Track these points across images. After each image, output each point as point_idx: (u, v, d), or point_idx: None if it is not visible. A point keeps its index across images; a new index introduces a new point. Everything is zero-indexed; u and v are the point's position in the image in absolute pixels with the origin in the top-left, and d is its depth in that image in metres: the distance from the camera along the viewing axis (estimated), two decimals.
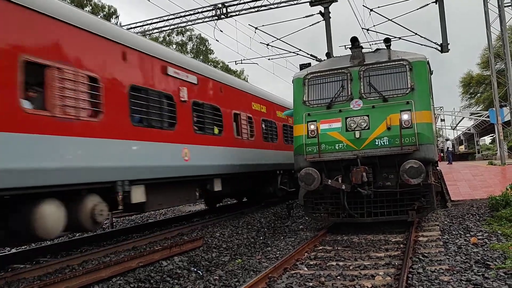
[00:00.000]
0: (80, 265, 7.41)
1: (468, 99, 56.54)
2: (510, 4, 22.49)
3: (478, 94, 54.14)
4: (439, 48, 17.48)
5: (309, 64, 11.58)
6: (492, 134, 55.25)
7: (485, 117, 40.97)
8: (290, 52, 18.93)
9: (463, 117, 54.24)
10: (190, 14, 23.85)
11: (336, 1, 19.55)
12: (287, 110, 15.92)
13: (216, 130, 11.73)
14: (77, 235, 11.94)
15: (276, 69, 70.89)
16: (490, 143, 69.13)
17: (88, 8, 34.99)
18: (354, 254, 7.55)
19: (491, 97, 28.54)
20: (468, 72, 54.58)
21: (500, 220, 9.41)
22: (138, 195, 8.57)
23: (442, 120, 54.19)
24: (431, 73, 11.11)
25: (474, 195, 13.34)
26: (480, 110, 49.69)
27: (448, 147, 33.79)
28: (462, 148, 63.91)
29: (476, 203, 12.12)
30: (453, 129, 59.44)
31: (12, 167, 6.06)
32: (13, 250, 9.94)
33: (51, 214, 6.65)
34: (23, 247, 10.51)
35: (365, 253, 7.54)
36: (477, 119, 47.80)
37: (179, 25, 25.49)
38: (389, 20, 17.04)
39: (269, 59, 23.22)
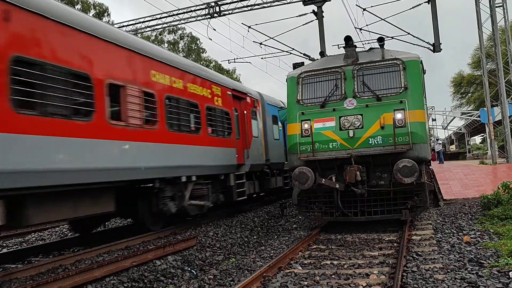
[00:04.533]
0: (73, 264, 7.33)
1: (459, 99, 56.99)
2: (501, 4, 22.65)
3: (469, 94, 54.57)
4: (431, 48, 17.54)
5: (303, 63, 11.58)
6: (483, 134, 55.80)
7: (476, 117, 41.29)
8: (283, 51, 18.86)
9: (454, 117, 54.65)
10: (183, 13, 23.78)
11: (329, 0, 19.54)
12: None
13: None
14: (69, 234, 11.85)
15: (269, 68, 70.83)
16: (480, 143, 69.75)
17: (78, 6, 34.74)
18: (348, 253, 7.56)
19: (482, 97, 28.77)
20: (459, 72, 55.03)
21: (492, 219, 9.49)
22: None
23: (434, 119, 54.54)
24: (424, 73, 11.16)
25: (466, 194, 13.44)
26: (471, 110, 50.10)
27: (436, 147, 33.87)
28: (453, 148, 64.40)
29: (468, 202, 12.20)
30: (444, 129, 59.91)
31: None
32: (4, 250, 9.85)
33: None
34: (14, 247, 10.42)
35: (359, 252, 7.55)
36: (468, 118, 48.16)
37: (172, 23, 25.39)
38: (382, 19, 17.06)
39: (262, 58, 23.18)
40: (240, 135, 13.38)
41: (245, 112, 13.71)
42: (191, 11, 23.51)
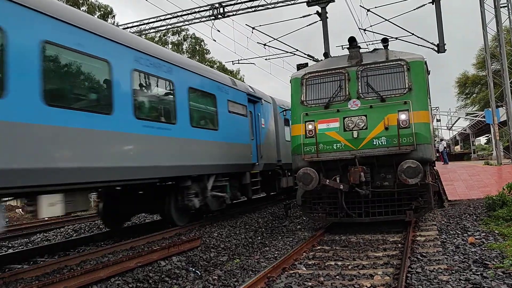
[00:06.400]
0: (78, 265, 7.38)
1: (464, 100, 56.82)
2: (506, 4, 22.57)
3: (474, 95, 54.39)
4: (436, 49, 17.50)
5: (307, 64, 11.58)
6: (488, 134, 55.54)
7: (481, 118, 41.12)
8: (287, 52, 18.82)
9: (459, 117, 54.42)
10: (187, 14, 23.84)
11: (333, 1, 19.54)
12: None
13: None
14: (74, 235, 11.91)
15: (273, 69, 70.82)
16: (485, 143, 69.46)
17: (84, 8, 34.87)
18: (352, 254, 7.56)
19: (487, 97, 28.68)
20: (464, 72, 54.90)
21: (497, 219, 9.45)
22: None
23: (438, 120, 54.37)
24: (429, 73, 11.14)
25: (471, 195, 13.39)
26: (475, 111, 49.91)
27: (440, 147, 33.61)
28: (458, 148, 64.16)
29: (473, 203, 12.15)
30: (449, 129, 59.72)
31: None
32: (10, 251, 9.91)
33: None
34: (20, 247, 10.48)
35: (363, 253, 7.55)
36: (472, 119, 47.96)
37: (176, 24, 25.46)
38: (386, 20, 17.06)
39: (266, 59, 23.18)
40: None
41: None
42: (195, 12, 23.57)
